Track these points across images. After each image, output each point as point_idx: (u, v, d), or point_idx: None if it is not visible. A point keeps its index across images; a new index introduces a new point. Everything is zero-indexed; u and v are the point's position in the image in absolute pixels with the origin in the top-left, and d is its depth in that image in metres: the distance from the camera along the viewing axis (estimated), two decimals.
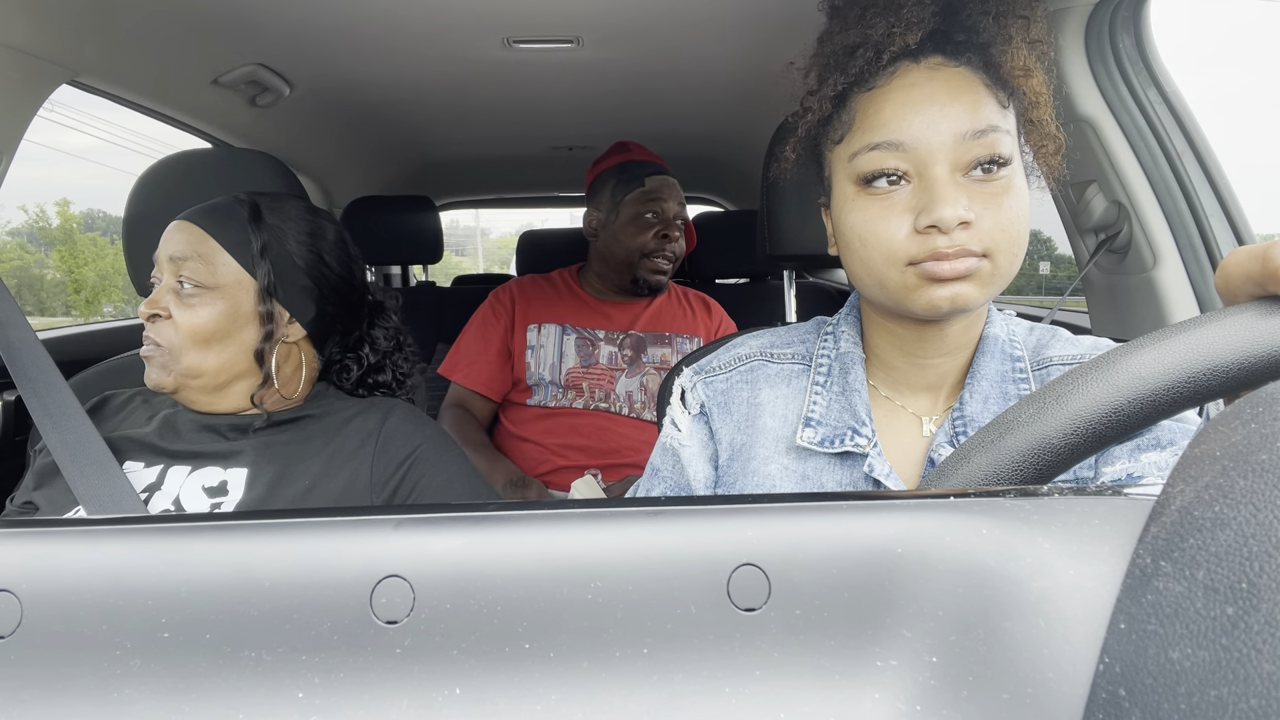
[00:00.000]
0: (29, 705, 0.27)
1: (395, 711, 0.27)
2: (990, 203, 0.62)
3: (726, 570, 0.28)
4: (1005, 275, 0.64)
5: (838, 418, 0.71)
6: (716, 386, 0.77)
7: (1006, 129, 0.63)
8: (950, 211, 0.60)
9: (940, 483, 0.37)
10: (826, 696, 0.27)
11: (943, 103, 0.63)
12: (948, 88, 0.64)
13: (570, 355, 1.68)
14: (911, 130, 0.63)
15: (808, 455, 0.71)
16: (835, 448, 0.70)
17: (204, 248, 0.94)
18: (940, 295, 0.62)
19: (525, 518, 0.30)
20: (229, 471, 0.93)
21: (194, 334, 0.93)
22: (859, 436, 0.69)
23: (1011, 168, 0.63)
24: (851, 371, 0.72)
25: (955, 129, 0.62)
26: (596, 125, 2.27)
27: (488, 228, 43.92)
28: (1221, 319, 0.34)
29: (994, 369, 0.69)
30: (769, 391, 0.75)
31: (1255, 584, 0.21)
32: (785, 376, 0.76)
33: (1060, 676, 0.25)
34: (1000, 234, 0.62)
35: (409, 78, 1.82)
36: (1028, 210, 0.64)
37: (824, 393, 0.73)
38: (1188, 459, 0.27)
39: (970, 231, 0.62)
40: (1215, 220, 1.16)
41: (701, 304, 1.81)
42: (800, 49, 0.74)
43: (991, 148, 0.62)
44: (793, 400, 0.74)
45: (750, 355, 0.78)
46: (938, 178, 0.62)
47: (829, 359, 0.75)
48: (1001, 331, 0.71)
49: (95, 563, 0.28)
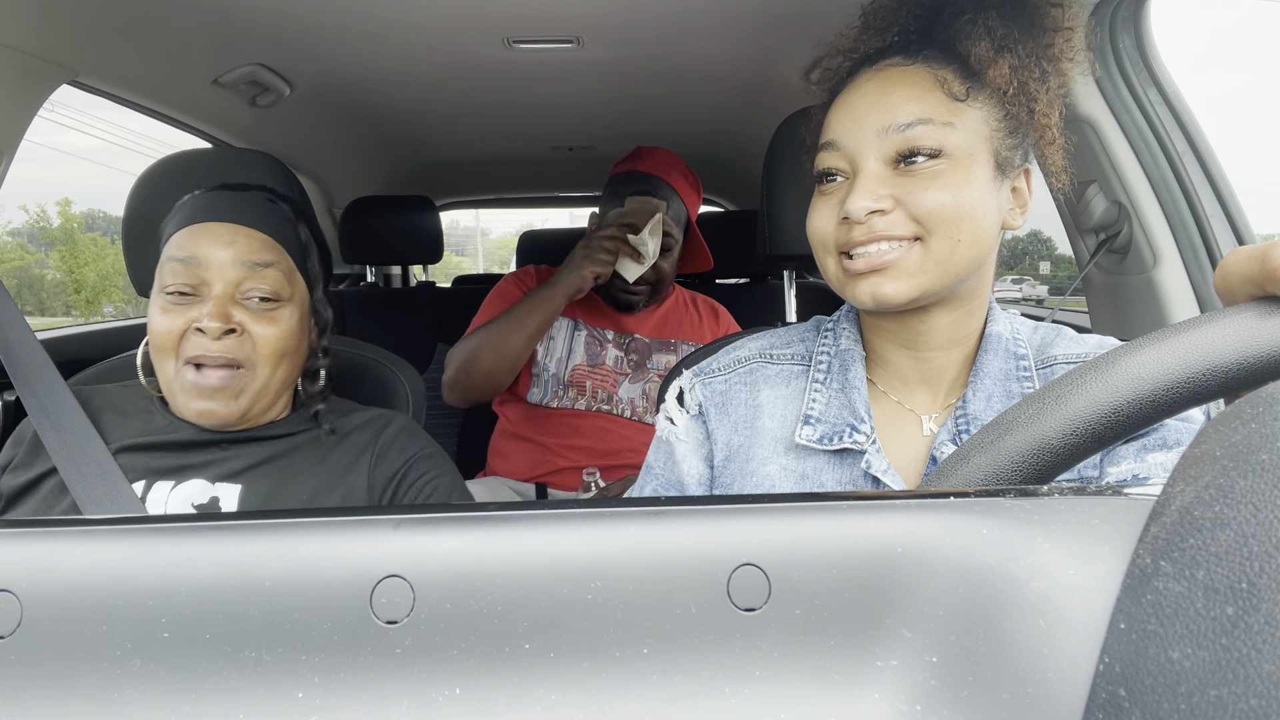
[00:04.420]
0: (29, 705, 0.27)
1: (395, 711, 0.27)
2: (915, 187, 0.64)
3: (726, 570, 0.28)
4: (943, 261, 0.65)
5: (836, 415, 0.71)
6: (715, 388, 0.78)
7: (944, 121, 0.64)
8: (859, 204, 0.64)
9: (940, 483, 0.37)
10: (826, 696, 0.27)
11: (873, 100, 0.67)
12: (884, 86, 0.67)
13: (579, 352, 1.68)
14: (844, 129, 0.68)
15: (807, 454, 0.72)
16: (834, 445, 0.70)
17: (275, 255, 0.87)
18: (861, 290, 0.66)
19: (525, 518, 0.30)
20: (219, 486, 0.87)
21: (278, 351, 0.85)
22: (857, 433, 0.69)
23: (948, 159, 0.64)
24: (851, 368, 0.73)
25: (879, 124, 0.65)
26: (596, 125, 2.27)
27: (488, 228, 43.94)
28: (1220, 319, 0.34)
29: (997, 367, 0.70)
30: (769, 392, 0.76)
31: (1255, 584, 0.21)
32: (785, 377, 0.76)
33: (1060, 676, 0.25)
34: (928, 217, 0.64)
35: (409, 78, 1.82)
36: (975, 197, 0.65)
37: (823, 390, 0.73)
38: (1188, 459, 0.27)
39: (890, 218, 0.65)
40: (1215, 220, 1.16)
41: (709, 310, 1.80)
42: (800, 49, 0.75)
43: (913, 140, 0.64)
44: (792, 401, 0.75)
45: (750, 357, 0.78)
46: (861, 171, 0.66)
47: (829, 356, 0.75)
48: (1005, 330, 0.72)
49: (95, 563, 0.28)
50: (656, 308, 1.74)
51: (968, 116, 0.65)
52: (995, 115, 0.66)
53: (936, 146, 0.64)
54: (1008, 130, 0.66)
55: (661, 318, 1.74)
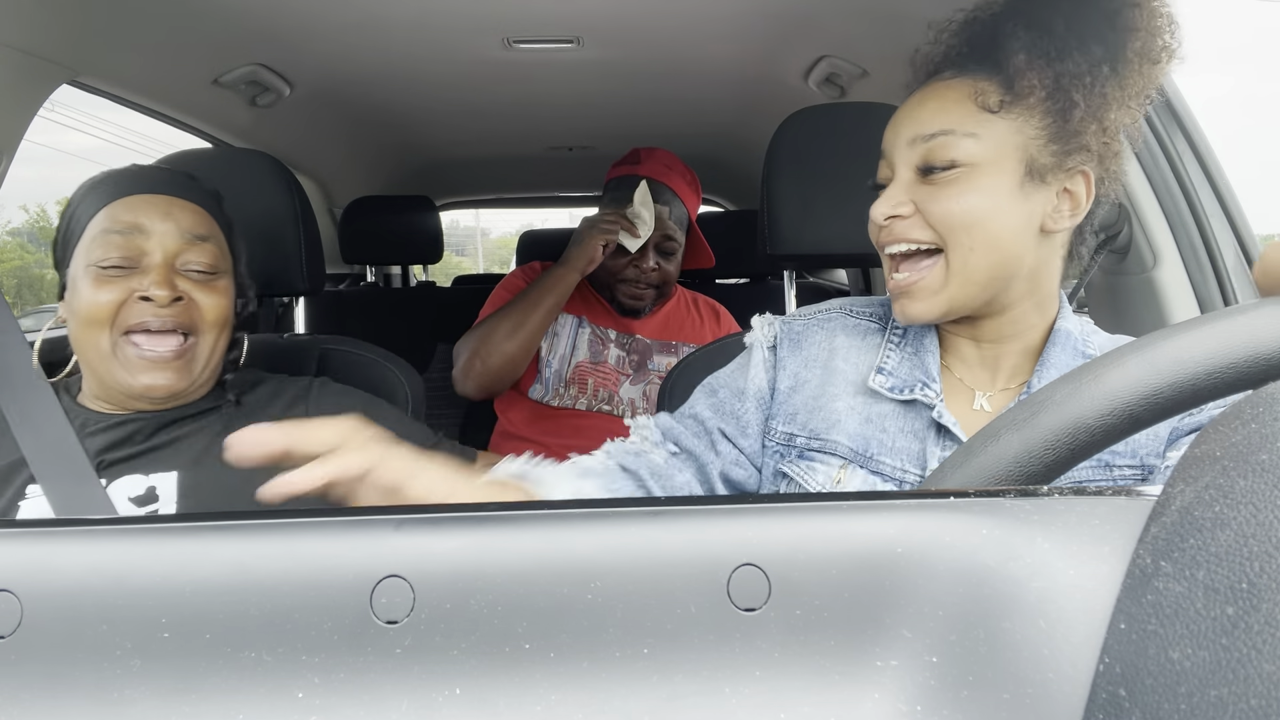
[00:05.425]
0: (29, 705, 0.27)
1: (395, 711, 0.27)
2: (932, 195, 0.68)
3: (726, 570, 0.28)
4: (961, 271, 0.68)
5: (909, 372, 0.75)
6: (793, 327, 0.82)
7: (967, 132, 0.67)
8: (878, 209, 0.70)
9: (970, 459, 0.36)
10: (826, 696, 0.27)
11: (908, 112, 0.71)
12: (921, 98, 0.71)
13: (582, 348, 1.68)
14: (888, 139, 0.73)
15: (876, 399, 0.75)
16: (904, 395, 0.74)
17: (209, 229, 0.87)
18: (896, 309, 0.73)
19: (525, 518, 0.30)
20: (153, 477, 0.83)
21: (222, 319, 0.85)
22: (928, 389, 0.73)
23: (966, 169, 0.67)
24: (927, 337, 0.77)
25: (909, 134, 0.70)
26: (596, 125, 2.27)
27: (488, 228, 43.90)
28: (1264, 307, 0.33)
29: (1065, 362, 0.72)
30: (845, 340, 0.80)
31: (1255, 584, 0.21)
32: (862, 331, 0.80)
33: (1060, 676, 0.25)
34: (940, 223, 0.67)
35: (409, 78, 1.82)
36: (989, 205, 0.66)
37: (897, 350, 0.77)
38: (1188, 459, 0.27)
39: (908, 222, 0.69)
40: (1215, 220, 1.16)
41: (711, 311, 1.80)
42: (800, 50, 0.76)
43: (936, 151, 0.68)
44: (866, 353, 0.78)
45: (830, 309, 0.83)
46: (896, 180, 0.71)
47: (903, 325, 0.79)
48: (1075, 328, 0.74)
49: (95, 563, 0.28)
50: (659, 309, 1.74)
51: (996, 127, 0.67)
52: (1034, 124, 0.67)
53: (953, 158, 0.67)
54: (1049, 137, 0.67)
55: (664, 319, 1.74)
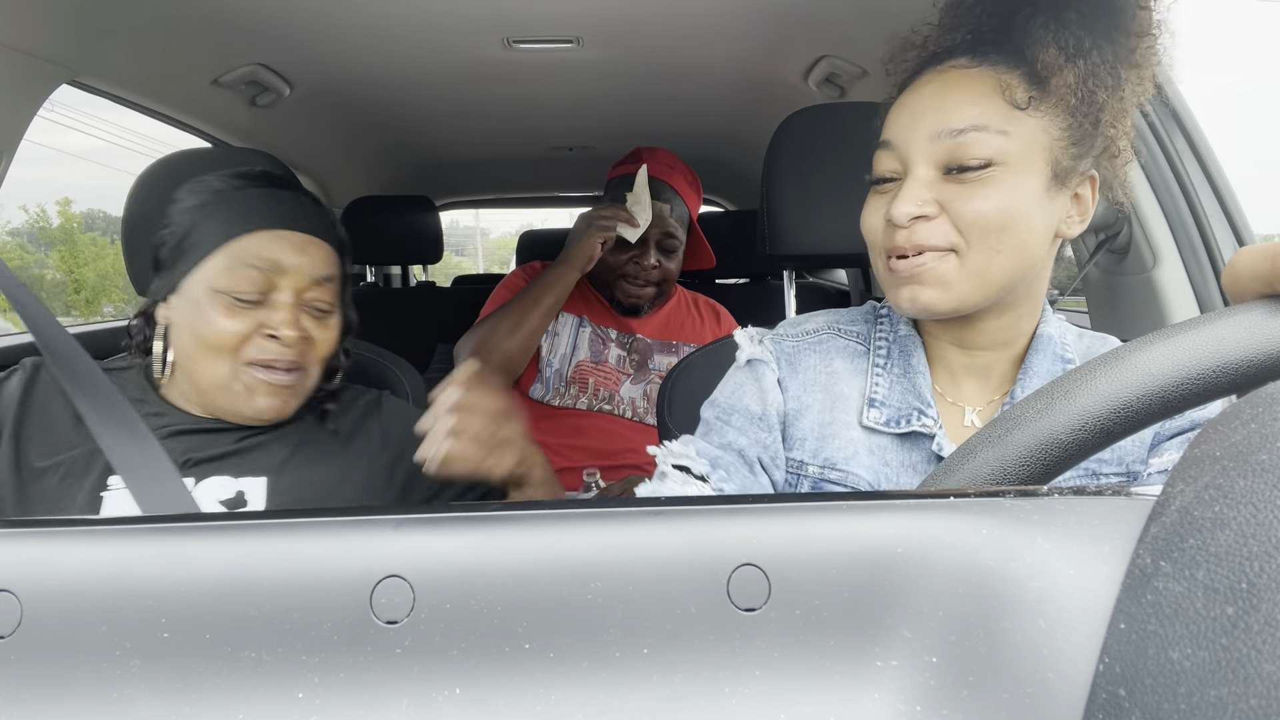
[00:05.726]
0: (29, 705, 0.27)
1: (395, 711, 0.27)
2: (962, 195, 0.63)
3: (726, 570, 0.28)
4: (979, 273, 0.64)
5: (901, 399, 0.71)
6: (784, 347, 0.77)
7: (999, 129, 0.62)
8: (902, 209, 0.64)
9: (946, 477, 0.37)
10: (826, 696, 0.27)
11: (930, 102, 0.65)
12: (942, 88, 0.65)
13: (583, 347, 1.68)
14: (899, 129, 0.66)
15: (873, 434, 0.72)
16: (901, 428, 0.70)
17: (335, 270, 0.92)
18: (903, 295, 0.66)
19: (525, 518, 0.30)
20: (242, 481, 0.87)
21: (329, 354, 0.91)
22: (925, 417, 0.70)
23: (999, 168, 0.62)
24: (913, 354, 0.73)
25: (933, 128, 0.64)
26: (596, 125, 2.27)
27: (488, 228, 43.91)
28: (1230, 316, 0.34)
29: (1045, 368, 0.70)
30: (842, 363, 0.75)
31: (1255, 584, 0.21)
32: (851, 353, 0.76)
33: (1060, 676, 0.25)
34: (970, 226, 0.63)
35: (409, 78, 1.82)
36: (1021, 209, 0.63)
37: (884, 374, 0.73)
38: (1188, 459, 0.27)
39: (932, 225, 0.64)
40: (1215, 220, 1.16)
41: (711, 312, 1.80)
42: (801, 50, 0.74)
43: (965, 148, 0.62)
44: (857, 378, 0.74)
45: (819, 329, 0.78)
46: (911, 174, 0.65)
47: (887, 342, 0.75)
48: (1055, 332, 0.72)
49: (95, 563, 0.28)
50: (660, 309, 1.74)
51: (1025, 125, 0.63)
52: (1058, 124, 0.63)
53: (988, 156, 0.62)
54: (1070, 139, 0.64)
55: (664, 319, 1.74)
